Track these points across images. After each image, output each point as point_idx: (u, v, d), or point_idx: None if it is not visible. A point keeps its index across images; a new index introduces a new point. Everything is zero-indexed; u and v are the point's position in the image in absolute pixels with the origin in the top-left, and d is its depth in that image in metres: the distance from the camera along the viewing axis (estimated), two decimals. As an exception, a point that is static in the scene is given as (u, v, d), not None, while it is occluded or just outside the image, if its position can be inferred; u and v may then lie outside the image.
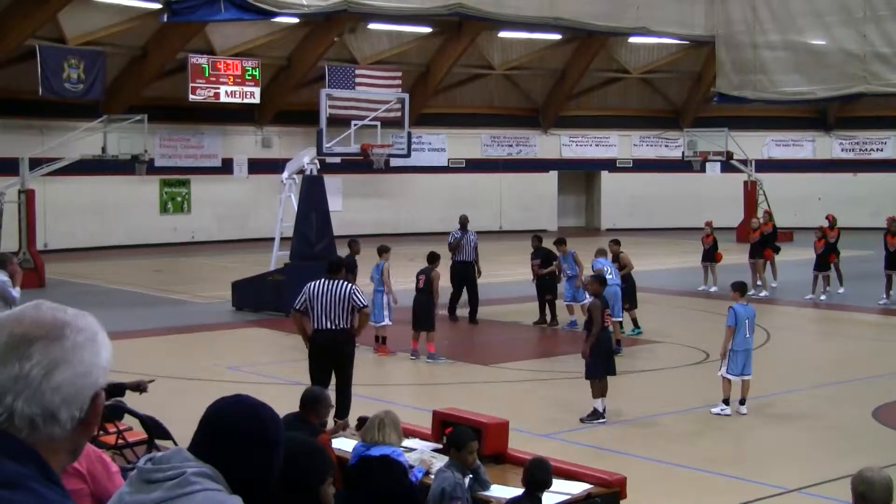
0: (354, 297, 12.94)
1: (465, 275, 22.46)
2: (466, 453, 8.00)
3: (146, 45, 38.05)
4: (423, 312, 18.30)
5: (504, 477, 8.68)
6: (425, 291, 18.53)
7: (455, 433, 8.43)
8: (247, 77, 40.38)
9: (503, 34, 44.75)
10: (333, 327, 12.89)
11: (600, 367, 13.87)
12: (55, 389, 2.24)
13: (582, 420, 13.67)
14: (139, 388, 9.53)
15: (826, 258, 25.70)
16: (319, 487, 4.35)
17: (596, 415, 13.69)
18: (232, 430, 2.68)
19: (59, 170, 30.88)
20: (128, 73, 38.53)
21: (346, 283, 13.15)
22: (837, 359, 19.10)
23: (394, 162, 38.55)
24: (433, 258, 18.96)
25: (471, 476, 8.14)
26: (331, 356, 13.05)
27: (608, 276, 18.83)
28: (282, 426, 2.79)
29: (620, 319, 19.13)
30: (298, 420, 8.68)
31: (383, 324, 18.70)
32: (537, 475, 7.62)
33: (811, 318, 24.73)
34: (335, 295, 12.88)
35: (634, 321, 20.53)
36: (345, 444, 9.13)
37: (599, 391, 13.77)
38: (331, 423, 10.55)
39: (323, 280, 13.10)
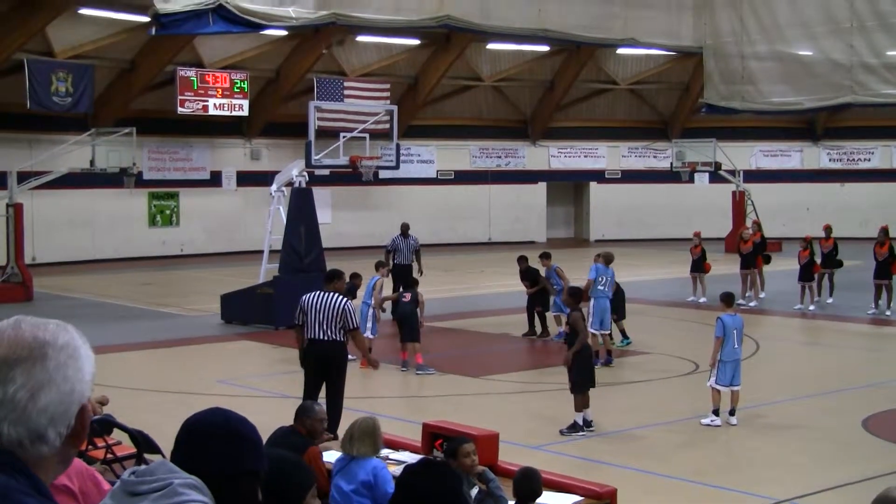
0: (347, 315, 12.96)
1: (403, 276, 22.57)
2: (462, 458, 7.83)
3: (134, 59, 38.04)
4: (407, 324, 18.36)
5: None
6: (410, 304, 18.60)
7: (448, 442, 8.35)
8: (235, 89, 40.38)
9: (491, 46, 44.81)
10: (325, 338, 12.91)
11: (587, 380, 13.88)
12: (42, 411, 2.22)
13: (562, 433, 13.65)
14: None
15: (811, 269, 25.70)
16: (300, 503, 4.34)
17: (576, 427, 13.68)
18: (198, 426, 2.78)
19: (47, 183, 30.80)
20: (116, 86, 38.50)
21: (340, 296, 13.16)
22: (827, 369, 19.10)
23: (383, 174, 38.55)
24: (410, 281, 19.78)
25: (478, 488, 7.80)
26: (322, 367, 13.05)
27: (600, 287, 18.85)
28: (251, 425, 2.83)
29: (608, 332, 19.10)
30: (290, 431, 8.66)
31: (366, 336, 18.68)
32: (525, 485, 7.56)
33: (800, 328, 24.75)
34: (328, 307, 12.91)
35: (623, 332, 20.52)
36: (335, 458, 9.09)
37: (583, 404, 13.78)
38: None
39: (318, 292, 13.15)
